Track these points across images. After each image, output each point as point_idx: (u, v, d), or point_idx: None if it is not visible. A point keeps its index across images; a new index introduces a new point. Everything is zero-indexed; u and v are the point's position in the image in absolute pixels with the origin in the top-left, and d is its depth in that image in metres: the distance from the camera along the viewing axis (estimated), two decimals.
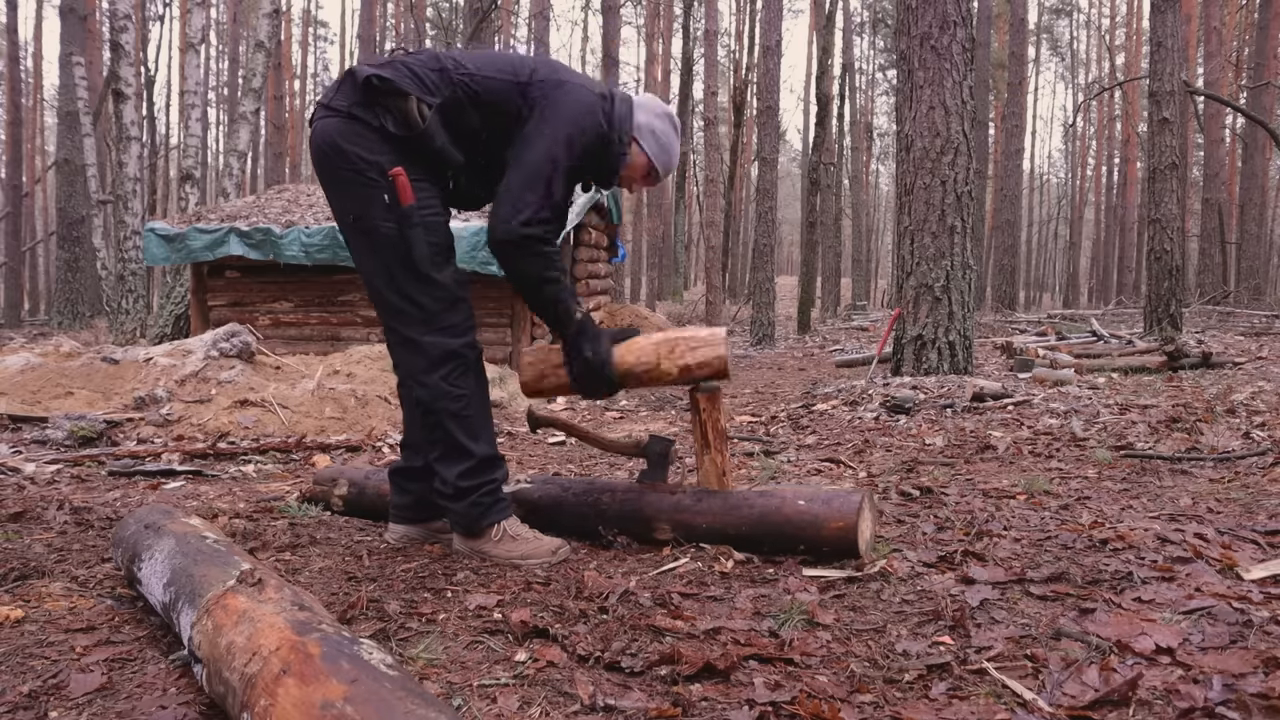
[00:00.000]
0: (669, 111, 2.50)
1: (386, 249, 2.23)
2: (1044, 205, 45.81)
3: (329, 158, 2.24)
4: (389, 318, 2.30)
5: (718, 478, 2.44)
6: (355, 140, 2.20)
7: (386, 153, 2.20)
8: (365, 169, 2.20)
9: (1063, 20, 40.96)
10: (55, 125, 23.52)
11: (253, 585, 1.54)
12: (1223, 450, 3.64)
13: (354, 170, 2.21)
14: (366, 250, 2.27)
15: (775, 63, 14.28)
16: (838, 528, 2.23)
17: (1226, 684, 1.46)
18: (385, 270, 2.25)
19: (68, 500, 3.11)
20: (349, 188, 2.23)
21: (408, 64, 2.26)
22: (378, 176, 2.19)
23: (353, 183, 2.22)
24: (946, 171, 6.25)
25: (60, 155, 17.30)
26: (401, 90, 2.19)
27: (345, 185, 2.24)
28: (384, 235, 2.22)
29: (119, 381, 5.48)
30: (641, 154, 2.44)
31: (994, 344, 9.98)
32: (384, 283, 2.26)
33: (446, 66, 2.28)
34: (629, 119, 2.40)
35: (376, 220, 2.22)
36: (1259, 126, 16.29)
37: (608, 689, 1.54)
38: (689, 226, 30.06)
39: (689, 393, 2.46)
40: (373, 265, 2.27)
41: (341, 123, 2.21)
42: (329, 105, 2.25)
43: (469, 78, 2.27)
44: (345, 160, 2.21)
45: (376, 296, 2.31)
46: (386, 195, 2.19)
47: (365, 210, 2.22)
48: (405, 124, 2.20)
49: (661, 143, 2.46)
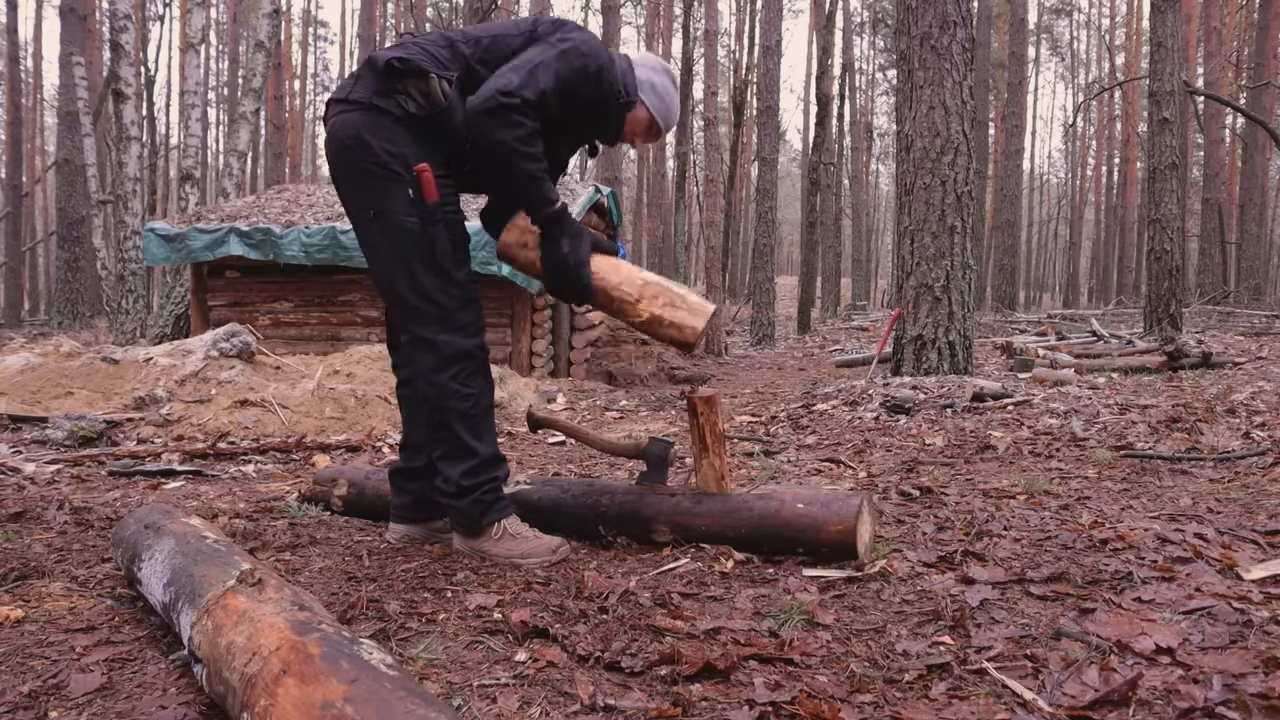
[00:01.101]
0: (667, 67, 2.54)
1: (408, 244, 2.21)
2: (1044, 205, 45.81)
3: (352, 150, 2.21)
4: (404, 315, 2.28)
5: (716, 480, 2.44)
6: (380, 133, 2.18)
7: (411, 145, 2.19)
8: (390, 162, 2.18)
9: (1063, 20, 40.99)
10: (55, 125, 23.53)
11: (253, 585, 1.54)
12: (1223, 450, 3.64)
13: (378, 164, 2.18)
14: (385, 246, 2.23)
15: (775, 63, 14.29)
16: (836, 531, 2.23)
17: (1226, 684, 1.46)
18: (405, 267, 2.22)
19: (68, 500, 3.11)
20: (372, 182, 2.20)
21: (419, 44, 2.27)
22: (403, 171, 2.18)
23: (377, 177, 2.19)
24: (946, 171, 6.25)
25: (60, 155, 17.31)
26: (423, 70, 2.17)
27: (368, 179, 2.20)
28: (407, 230, 2.19)
29: (119, 381, 5.48)
30: (644, 108, 2.45)
31: (994, 344, 9.99)
32: (403, 280, 2.23)
33: (454, 39, 2.31)
34: (630, 74, 2.44)
35: (400, 215, 2.19)
36: (1259, 126, 16.30)
37: (608, 689, 1.54)
38: (689, 226, 30.05)
39: (685, 396, 2.46)
40: (391, 262, 2.23)
41: (364, 115, 2.19)
42: (348, 99, 2.23)
43: (477, 46, 2.30)
44: (370, 154, 2.18)
45: (391, 294, 2.28)
46: (410, 190, 2.18)
47: (388, 204, 2.19)
48: (429, 102, 2.18)
49: (662, 97, 2.47)
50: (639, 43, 35.95)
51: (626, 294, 2.31)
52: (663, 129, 2.51)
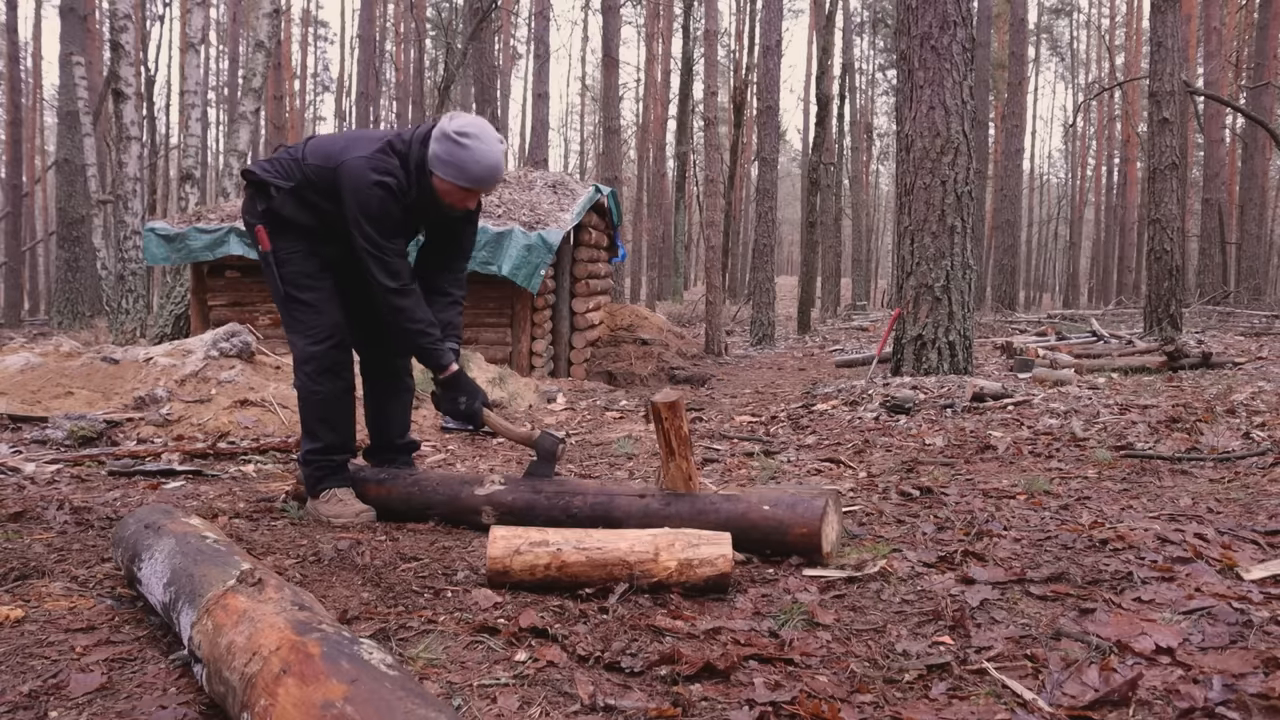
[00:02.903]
0: (455, 129, 2.67)
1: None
2: (1044, 205, 45.78)
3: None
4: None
5: (684, 481, 2.47)
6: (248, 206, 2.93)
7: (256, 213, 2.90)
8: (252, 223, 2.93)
9: (1063, 20, 40.93)
10: (55, 125, 23.52)
11: (253, 585, 1.54)
12: (1223, 450, 3.64)
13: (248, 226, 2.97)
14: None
15: (775, 63, 14.28)
16: (802, 533, 2.28)
17: (1226, 684, 1.46)
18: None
19: (68, 500, 3.11)
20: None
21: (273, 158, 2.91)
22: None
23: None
24: (946, 171, 6.25)
25: (60, 155, 17.29)
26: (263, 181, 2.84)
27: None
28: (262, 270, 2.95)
29: (119, 381, 5.47)
30: (442, 181, 2.70)
31: (994, 344, 9.98)
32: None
33: (295, 154, 2.86)
34: (423, 157, 2.70)
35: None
36: (1259, 126, 16.29)
37: (608, 689, 1.54)
38: (689, 226, 30.03)
39: (648, 404, 2.48)
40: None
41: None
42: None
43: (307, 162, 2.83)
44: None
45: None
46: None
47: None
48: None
49: (450, 163, 2.67)
50: (639, 43, 35.94)
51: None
52: (473, 187, 2.72)
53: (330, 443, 2.92)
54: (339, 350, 2.89)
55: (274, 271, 2.87)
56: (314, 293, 2.87)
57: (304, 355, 2.86)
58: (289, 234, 2.86)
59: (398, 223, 2.76)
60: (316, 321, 2.85)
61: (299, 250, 2.87)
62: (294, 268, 2.86)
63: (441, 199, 2.75)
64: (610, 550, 2.10)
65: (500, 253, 7.95)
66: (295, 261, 2.86)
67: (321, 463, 2.91)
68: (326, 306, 2.87)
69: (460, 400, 2.84)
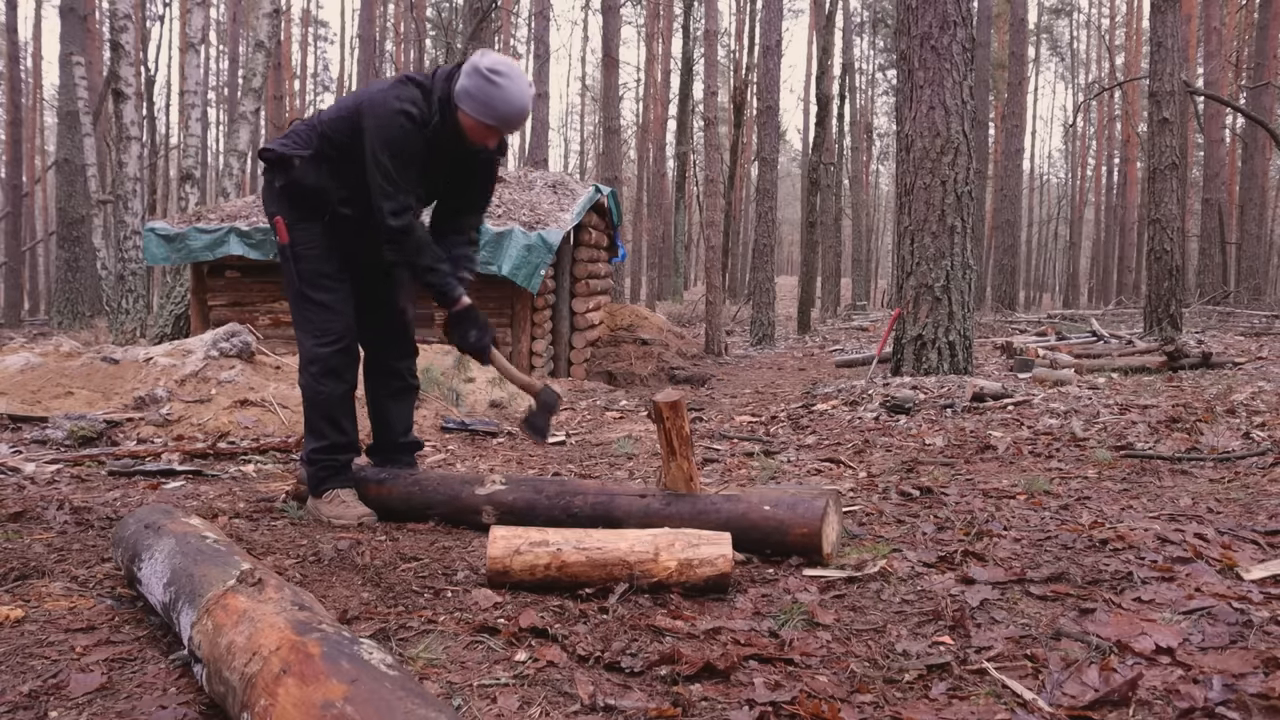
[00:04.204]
0: (488, 64, 2.63)
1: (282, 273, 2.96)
2: (1044, 205, 45.76)
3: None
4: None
5: (685, 482, 2.47)
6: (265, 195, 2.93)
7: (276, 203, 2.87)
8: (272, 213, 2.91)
9: (1063, 20, 40.91)
10: (55, 125, 23.51)
11: (253, 585, 1.54)
12: (1223, 450, 3.64)
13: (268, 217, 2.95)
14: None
15: (775, 63, 14.28)
16: (802, 533, 2.28)
17: (1226, 684, 1.46)
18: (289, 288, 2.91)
19: (68, 500, 3.11)
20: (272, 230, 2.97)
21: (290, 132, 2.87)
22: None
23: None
24: (946, 171, 6.25)
25: (60, 155, 17.29)
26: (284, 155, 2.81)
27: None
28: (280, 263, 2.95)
29: (119, 381, 5.47)
30: (468, 116, 2.65)
31: (994, 344, 9.98)
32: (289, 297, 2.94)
33: (312, 121, 2.84)
34: (448, 92, 2.65)
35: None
36: (1259, 126, 16.28)
37: (608, 689, 1.54)
38: (689, 226, 30.01)
39: (650, 404, 2.49)
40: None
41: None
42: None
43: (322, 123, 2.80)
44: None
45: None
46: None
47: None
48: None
49: (478, 99, 2.62)
50: (639, 43, 35.95)
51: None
52: (499, 126, 2.67)
53: (335, 441, 2.92)
54: (345, 354, 2.90)
55: (291, 267, 2.85)
56: (329, 294, 2.86)
57: (310, 356, 2.86)
58: (309, 218, 2.83)
59: (415, 157, 2.70)
60: (327, 323, 2.85)
61: (317, 247, 2.85)
62: (311, 266, 2.85)
63: (465, 134, 2.70)
64: (610, 550, 2.10)
65: (500, 252, 7.95)
66: (313, 259, 2.85)
67: (326, 462, 2.91)
68: (340, 308, 2.87)
69: (471, 334, 2.82)
